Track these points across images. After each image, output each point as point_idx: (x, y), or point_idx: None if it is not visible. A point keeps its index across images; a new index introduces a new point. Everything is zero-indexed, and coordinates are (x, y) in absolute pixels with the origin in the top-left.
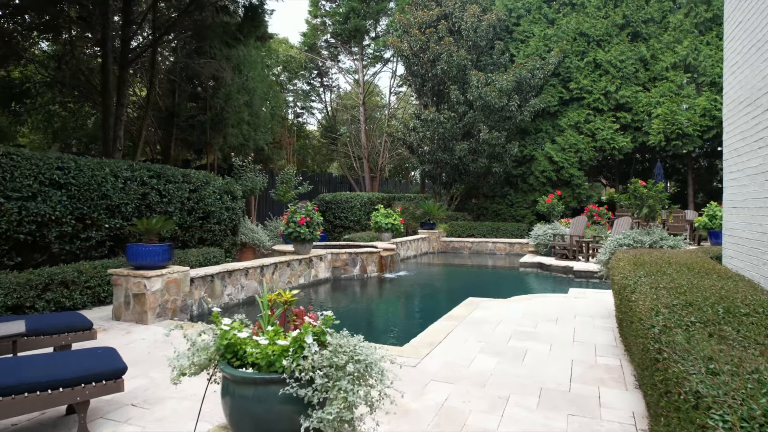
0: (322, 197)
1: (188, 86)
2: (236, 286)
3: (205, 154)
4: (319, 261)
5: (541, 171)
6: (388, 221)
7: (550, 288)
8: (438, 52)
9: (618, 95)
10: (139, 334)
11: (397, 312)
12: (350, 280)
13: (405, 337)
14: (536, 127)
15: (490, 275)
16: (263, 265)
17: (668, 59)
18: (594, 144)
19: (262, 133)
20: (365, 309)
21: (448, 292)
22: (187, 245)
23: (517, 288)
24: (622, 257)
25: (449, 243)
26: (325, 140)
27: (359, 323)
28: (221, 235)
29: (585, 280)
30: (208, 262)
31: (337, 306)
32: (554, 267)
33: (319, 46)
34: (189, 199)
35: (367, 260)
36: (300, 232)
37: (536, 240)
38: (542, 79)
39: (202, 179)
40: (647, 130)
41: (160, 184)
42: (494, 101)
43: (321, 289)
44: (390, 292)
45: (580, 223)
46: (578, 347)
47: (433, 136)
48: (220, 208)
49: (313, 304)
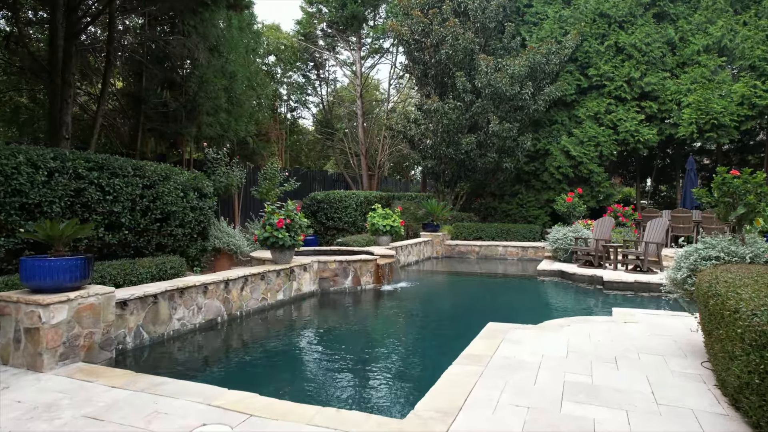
0: (313, 196)
1: (158, 69)
2: (191, 308)
3: (181, 148)
4: (302, 271)
5: (557, 167)
6: (386, 223)
7: (580, 303)
8: (442, 35)
9: (643, 82)
10: (21, 390)
11: (396, 344)
12: (340, 294)
13: (408, 391)
14: (551, 119)
15: (506, 286)
16: (228, 279)
17: (700, 42)
18: (615, 137)
19: (244, 124)
20: (354, 340)
21: (460, 312)
22: (142, 253)
23: (541, 305)
24: (734, 280)
25: (454, 247)
26: (321, 136)
27: (343, 364)
28: (186, 241)
29: (619, 293)
30: (164, 275)
31: (318, 333)
32: (578, 276)
33: (315, 36)
34: (142, 196)
35: (361, 270)
36: (278, 237)
37: (554, 244)
38: (558, 64)
39: (160, 173)
40: (676, 121)
41: (103, 178)
42: (505, 89)
43: (304, 306)
44: (387, 313)
45: (605, 224)
46: (669, 417)
47: (436, 128)
48: (183, 207)
49: (281, 333)
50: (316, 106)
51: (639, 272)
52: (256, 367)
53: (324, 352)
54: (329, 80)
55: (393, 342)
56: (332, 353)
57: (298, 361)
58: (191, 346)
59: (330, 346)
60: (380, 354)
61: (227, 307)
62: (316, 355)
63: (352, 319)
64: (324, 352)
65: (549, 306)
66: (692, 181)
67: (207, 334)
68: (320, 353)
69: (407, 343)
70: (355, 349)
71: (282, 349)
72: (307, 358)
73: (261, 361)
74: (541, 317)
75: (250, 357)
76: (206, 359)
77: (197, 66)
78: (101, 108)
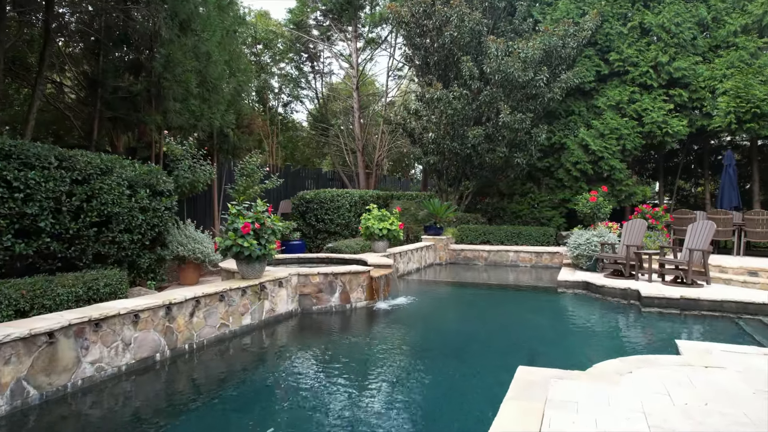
0: (301, 195)
1: (119, 48)
2: (112, 345)
3: (144, 138)
4: (277, 287)
5: (574, 163)
6: (382, 226)
7: (621, 328)
8: (446, 16)
9: (672, 68)
10: None
11: (392, 408)
12: (325, 314)
13: None
14: (567, 109)
15: (524, 302)
16: (171, 303)
17: (736, 21)
18: (640, 129)
19: (221, 112)
20: (332, 398)
21: (474, 342)
22: (75, 266)
23: (574, 330)
24: None
25: (460, 252)
26: (315, 131)
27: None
28: (135, 249)
29: (661, 311)
30: (95, 295)
31: (284, 378)
32: (608, 289)
33: (308, 26)
34: (71, 194)
35: (351, 284)
36: (243, 246)
37: (576, 250)
38: (575, 48)
39: (98, 165)
40: (710, 111)
41: (10, 171)
42: (518, 74)
43: (278, 332)
44: (380, 344)
45: (636, 228)
46: None
47: (439, 120)
48: (130, 208)
49: (236, 376)
50: (311, 101)
51: (681, 285)
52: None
53: (287, 412)
54: (324, 73)
55: (382, 402)
56: (297, 416)
57: (255, 421)
58: (110, 400)
59: (294, 407)
60: (364, 421)
61: (170, 340)
62: (277, 415)
63: (334, 354)
64: (287, 412)
65: (584, 332)
66: (731, 178)
67: (138, 379)
68: (282, 412)
69: (408, 403)
70: (330, 410)
71: (234, 402)
72: (266, 417)
73: (206, 421)
74: (580, 351)
75: (190, 416)
76: (127, 424)
77: (163, 43)
78: (37, 90)
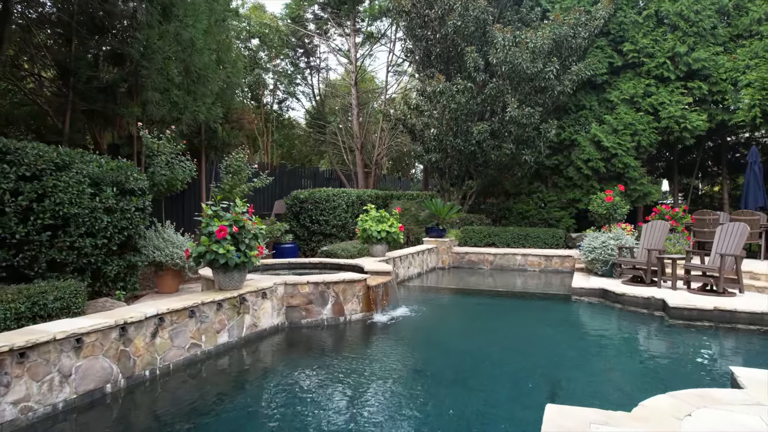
0: (295, 195)
1: (93, 34)
2: (45, 379)
3: (116, 131)
4: (260, 299)
5: (585, 160)
6: (381, 228)
7: (653, 345)
8: (449, 4)
9: (690, 58)
10: None
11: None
12: (316, 328)
13: None
14: (577, 104)
15: (537, 313)
16: (126, 323)
17: (760, 9)
18: (656, 124)
19: (206, 105)
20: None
21: (486, 366)
22: (25, 276)
23: (600, 349)
24: None
25: (464, 255)
26: (312, 129)
27: None
28: (100, 255)
29: (691, 324)
30: (42, 312)
31: (263, 414)
32: (629, 298)
33: (304, 20)
34: (17, 192)
35: (346, 293)
36: (218, 254)
37: (590, 254)
38: (587, 39)
39: (51, 159)
40: (732, 105)
41: None
42: (526, 66)
43: (260, 351)
44: (378, 369)
45: (657, 230)
46: None
47: (442, 114)
48: (92, 209)
49: (206, 411)
50: (308, 98)
51: (711, 293)
52: None
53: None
54: (321, 68)
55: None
56: None
57: None
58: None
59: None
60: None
61: (125, 367)
62: None
63: (322, 380)
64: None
65: (610, 350)
66: (756, 176)
67: (80, 418)
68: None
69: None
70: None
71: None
72: None
73: None
74: (612, 378)
75: None
76: None
77: (140, 27)
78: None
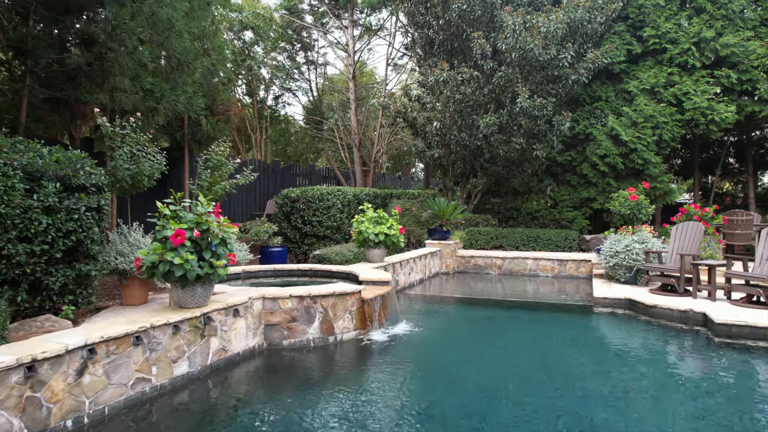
0: (286, 193)
1: (54, 11)
2: None
3: (78, 121)
4: (231, 318)
5: (602, 156)
6: (379, 231)
7: (709, 377)
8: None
9: (718, 44)
10: None
11: None
12: (300, 351)
13: None
14: (592, 95)
15: (556, 329)
16: (36, 360)
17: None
18: (680, 116)
19: (187, 95)
20: None
21: (501, 408)
22: None
23: (640, 382)
24: None
25: (469, 259)
26: (309, 125)
27: None
28: (39, 264)
29: (745, 344)
30: None
31: None
32: (661, 310)
33: (302, 11)
34: None
35: (336, 308)
36: (174, 264)
37: (613, 259)
38: (603, 24)
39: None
40: (763, 95)
41: None
42: (538, 52)
43: (230, 383)
44: (371, 408)
45: (690, 232)
46: None
47: (445, 107)
48: (26, 208)
49: None
50: (305, 94)
51: (759, 305)
52: None
53: None
54: (318, 63)
55: None
56: None
57: None
58: None
59: None
60: None
61: (34, 419)
62: None
63: (302, 424)
64: None
65: (655, 385)
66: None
67: None
68: None
69: None
70: None
71: None
72: None
73: None
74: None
75: None
76: None
77: (107, 3)
78: None
